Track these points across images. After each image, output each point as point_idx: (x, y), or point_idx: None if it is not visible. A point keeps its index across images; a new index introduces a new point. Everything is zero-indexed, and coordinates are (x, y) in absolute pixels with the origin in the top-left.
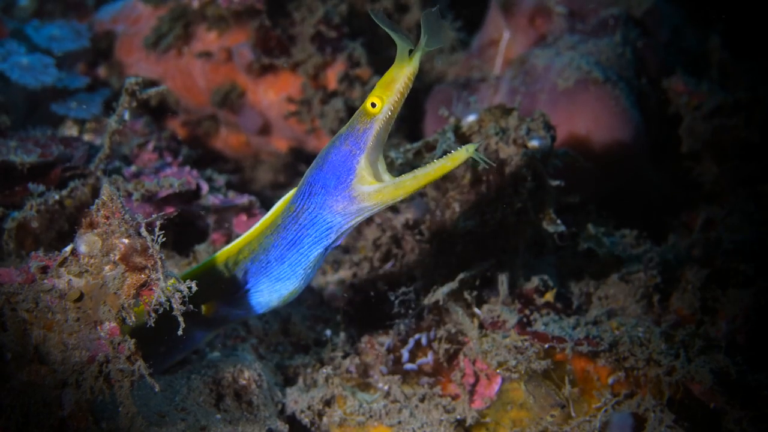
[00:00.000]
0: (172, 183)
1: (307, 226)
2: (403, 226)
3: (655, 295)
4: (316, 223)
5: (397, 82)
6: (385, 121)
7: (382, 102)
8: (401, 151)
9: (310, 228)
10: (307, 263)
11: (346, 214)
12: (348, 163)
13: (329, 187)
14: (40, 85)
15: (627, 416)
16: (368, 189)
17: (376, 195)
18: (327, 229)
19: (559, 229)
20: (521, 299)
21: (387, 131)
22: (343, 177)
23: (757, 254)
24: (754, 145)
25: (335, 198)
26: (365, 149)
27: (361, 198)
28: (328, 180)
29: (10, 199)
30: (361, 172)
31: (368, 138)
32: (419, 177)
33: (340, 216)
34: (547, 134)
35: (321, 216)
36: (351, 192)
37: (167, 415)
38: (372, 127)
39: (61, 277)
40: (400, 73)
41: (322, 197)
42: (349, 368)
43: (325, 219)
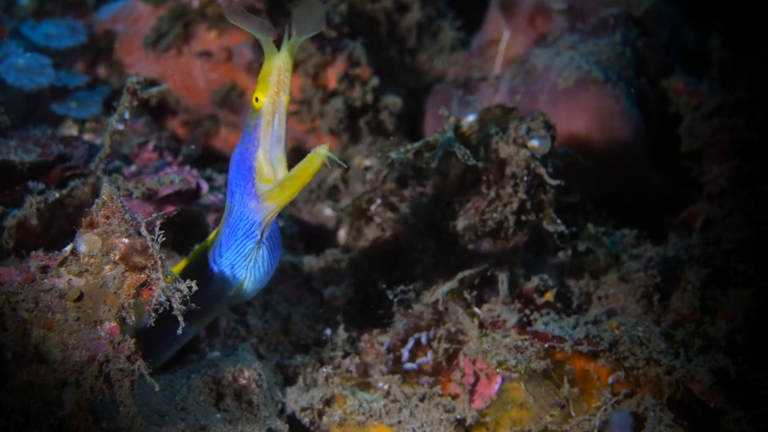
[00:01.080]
0: (173, 180)
1: (237, 220)
2: (403, 226)
3: (655, 295)
4: (242, 218)
5: (270, 76)
6: (270, 114)
7: (262, 96)
8: (401, 152)
9: (240, 222)
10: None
11: (259, 210)
12: (247, 160)
13: (241, 186)
14: (36, 87)
15: (627, 415)
16: (265, 188)
17: (271, 195)
18: (251, 225)
19: (559, 229)
20: (521, 299)
21: (282, 126)
22: (247, 175)
23: (757, 254)
24: (754, 145)
25: (248, 196)
26: (258, 145)
27: (264, 196)
28: (238, 178)
29: (9, 199)
30: (260, 168)
31: (258, 133)
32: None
33: (255, 214)
34: (547, 134)
35: (244, 213)
36: (256, 190)
37: (167, 414)
38: (259, 122)
39: (61, 277)
40: (271, 66)
41: (240, 195)
42: (349, 368)
43: (247, 216)
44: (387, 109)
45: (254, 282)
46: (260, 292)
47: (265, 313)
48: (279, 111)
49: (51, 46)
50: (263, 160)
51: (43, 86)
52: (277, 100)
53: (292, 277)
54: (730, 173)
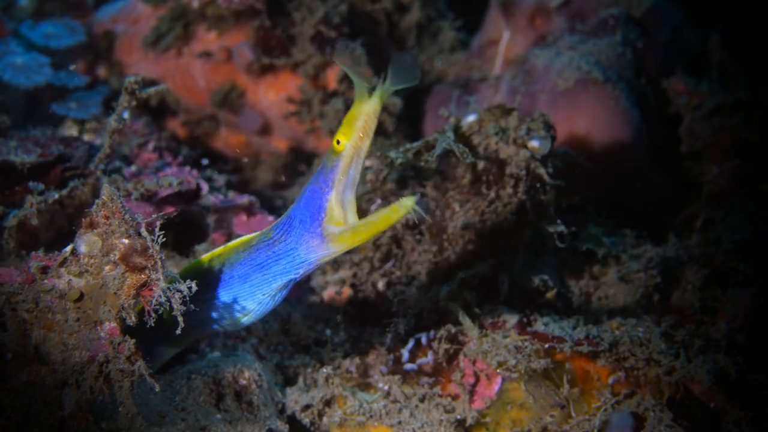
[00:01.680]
0: (171, 182)
1: (281, 256)
2: (403, 226)
3: (655, 295)
4: (290, 255)
5: (358, 120)
6: (350, 158)
7: (346, 139)
8: (401, 151)
9: (283, 258)
10: (268, 290)
11: (317, 251)
12: (318, 200)
13: (306, 223)
14: (32, 85)
15: (627, 416)
16: (334, 230)
17: (339, 237)
18: (298, 264)
19: (559, 229)
20: (521, 299)
21: (357, 169)
22: (315, 214)
23: (757, 254)
24: (754, 145)
25: (311, 234)
26: (333, 187)
27: (330, 238)
28: (304, 215)
29: (10, 199)
30: (331, 210)
31: (335, 175)
32: (369, 224)
33: (312, 252)
34: (547, 134)
35: (296, 251)
36: (322, 231)
37: (167, 415)
38: (338, 165)
39: (61, 277)
40: (360, 111)
41: (300, 231)
42: (349, 368)
43: (299, 254)
44: (387, 110)
45: (256, 318)
46: None
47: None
48: (359, 156)
49: (51, 46)
50: (335, 201)
51: (39, 84)
52: (361, 146)
53: None
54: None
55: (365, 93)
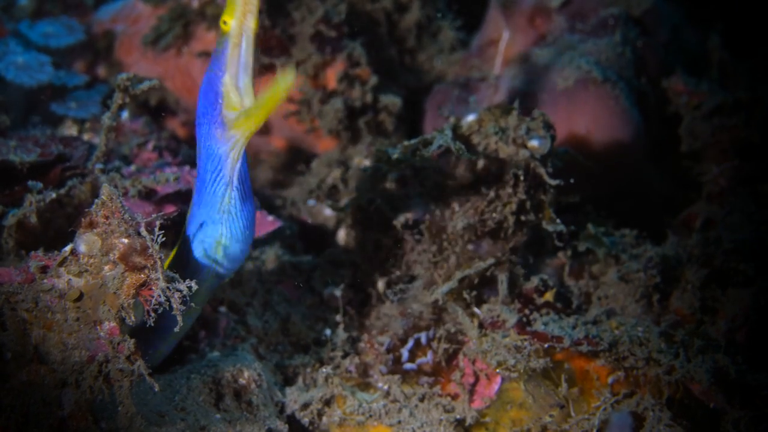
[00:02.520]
0: (168, 178)
1: (204, 159)
2: (403, 225)
3: (655, 295)
4: (210, 155)
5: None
6: (237, 36)
7: (230, 17)
8: (398, 148)
9: (207, 161)
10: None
11: (225, 143)
12: (214, 85)
13: (207, 114)
14: (36, 83)
15: (626, 415)
16: (231, 115)
17: (236, 123)
18: (218, 161)
19: (559, 228)
20: (521, 299)
21: (249, 51)
22: (213, 101)
23: (757, 254)
24: (754, 145)
25: (214, 125)
26: (225, 69)
27: (229, 125)
28: (206, 107)
29: (9, 199)
30: (227, 95)
31: (226, 57)
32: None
33: (222, 145)
34: (547, 134)
35: (210, 147)
36: (222, 118)
37: (167, 414)
38: (227, 45)
39: (60, 277)
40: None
41: (206, 126)
42: (349, 368)
43: (213, 149)
44: (386, 110)
45: (234, 240)
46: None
47: (265, 313)
48: (246, 35)
49: (51, 45)
50: (230, 86)
51: (42, 83)
52: (245, 23)
53: (292, 277)
54: (730, 173)
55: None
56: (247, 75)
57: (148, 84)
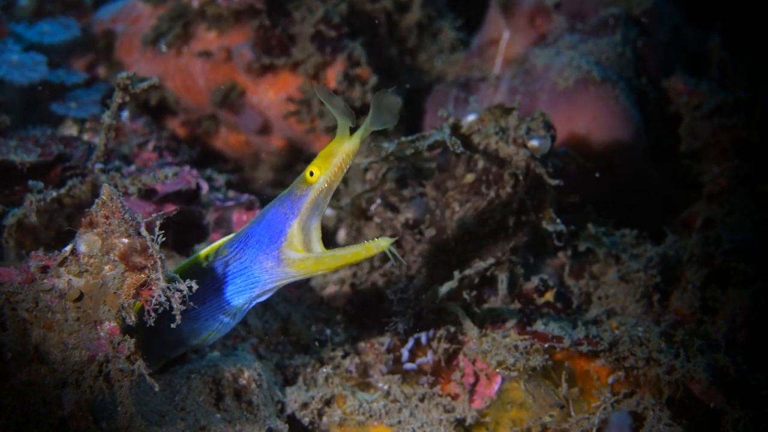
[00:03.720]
0: (167, 174)
1: (236, 275)
2: (403, 226)
3: (655, 295)
4: (244, 274)
5: (335, 157)
6: (321, 191)
7: (320, 173)
8: (395, 143)
9: (238, 277)
10: (228, 309)
11: (273, 274)
12: (281, 224)
13: (263, 244)
14: (27, 82)
15: (625, 415)
16: (294, 256)
17: (299, 264)
18: (253, 283)
19: (559, 228)
20: (521, 299)
21: (325, 201)
22: (275, 237)
23: (757, 254)
24: (754, 145)
25: (266, 255)
26: (298, 215)
27: (287, 263)
28: (262, 236)
29: (10, 199)
30: (292, 237)
31: (302, 205)
32: (338, 257)
33: (267, 274)
34: (547, 134)
35: (250, 269)
36: (280, 254)
37: (167, 414)
38: (307, 195)
39: (60, 277)
40: (339, 148)
41: (255, 251)
42: (349, 368)
43: (253, 273)
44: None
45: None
46: None
47: (265, 313)
48: (330, 190)
49: (44, 42)
50: (297, 228)
51: (34, 81)
52: (333, 181)
53: None
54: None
55: (347, 130)
56: (317, 220)
57: (148, 83)
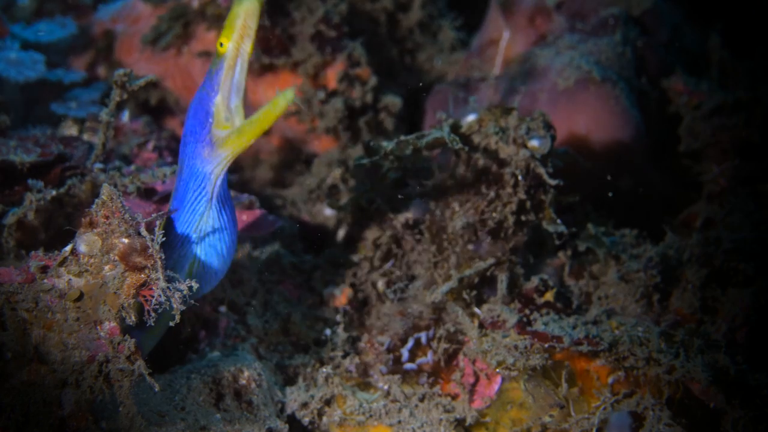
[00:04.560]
0: (166, 173)
1: (187, 178)
2: (403, 225)
3: (655, 295)
4: (193, 173)
5: (238, 19)
6: (233, 58)
7: (227, 40)
8: (394, 141)
9: (190, 180)
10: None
11: (211, 159)
12: (205, 105)
13: (195, 133)
14: (24, 80)
15: (625, 415)
16: (221, 134)
17: (227, 141)
18: (202, 179)
19: (559, 228)
20: (521, 299)
21: (243, 73)
22: (203, 121)
23: (757, 253)
24: (754, 144)
25: (202, 144)
26: (218, 90)
27: (218, 143)
28: (194, 126)
29: (9, 198)
30: (218, 114)
31: (220, 78)
32: (253, 122)
33: (208, 164)
34: (547, 134)
35: (195, 165)
36: (212, 137)
37: (167, 414)
38: (222, 67)
39: (60, 277)
40: (239, 9)
41: (192, 145)
42: (349, 368)
43: (197, 168)
44: (386, 109)
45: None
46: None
47: (265, 313)
48: (242, 57)
49: (42, 40)
50: (222, 106)
51: (31, 80)
52: (241, 45)
53: (292, 277)
54: (730, 173)
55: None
56: (238, 97)
57: (145, 79)
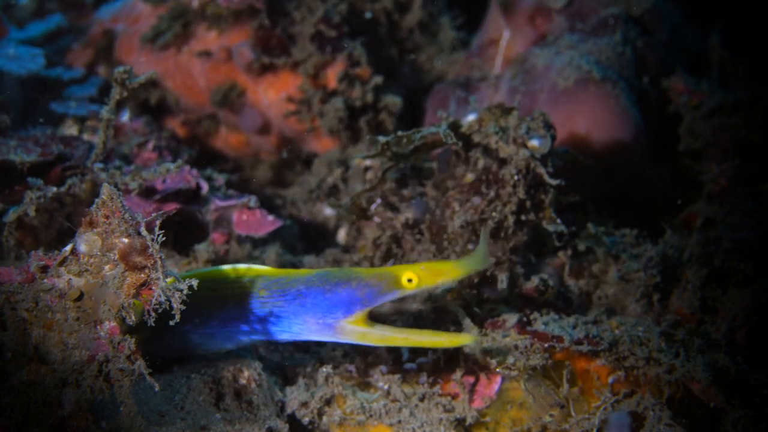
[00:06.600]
0: (169, 168)
1: (270, 319)
2: (403, 225)
3: (655, 295)
4: (281, 322)
5: (442, 278)
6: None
7: (419, 283)
8: (391, 136)
9: (272, 322)
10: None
11: (314, 332)
12: (352, 305)
13: (318, 310)
14: (25, 72)
15: (625, 415)
16: (355, 329)
17: (359, 336)
18: (285, 331)
19: (559, 228)
20: (521, 299)
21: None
22: (337, 311)
23: (757, 253)
24: (754, 144)
25: (317, 319)
26: (372, 306)
27: (342, 332)
28: (321, 304)
29: (10, 198)
30: (357, 316)
31: (383, 301)
32: (409, 340)
33: (307, 331)
34: (547, 133)
35: (290, 320)
36: (336, 324)
37: (167, 414)
38: (394, 294)
39: (61, 277)
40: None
41: (305, 310)
42: (349, 367)
43: (291, 325)
44: (387, 109)
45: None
46: None
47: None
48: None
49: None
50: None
51: (32, 72)
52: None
53: None
54: (730, 173)
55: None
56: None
57: (145, 76)
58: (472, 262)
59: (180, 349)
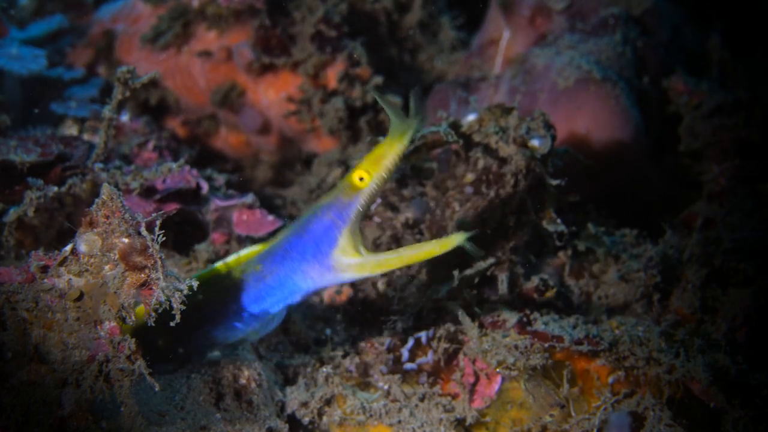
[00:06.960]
0: (171, 167)
1: (275, 287)
2: (403, 225)
3: (655, 295)
4: (285, 285)
5: (387, 159)
6: (372, 195)
7: (370, 176)
8: None
9: (277, 289)
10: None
11: (318, 281)
12: (330, 233)
13: (307, 255)
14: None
15: (625, 415)
16: (350, 261)
17: (357, 268)
18: (293, 292)
19: (559, 228)
20: (521, 299)
21: (371, 204)
22: (323, 247)
23: (757, 253)
24: (754, 144)
25: (312, 265)
26: (348, 222)
27: (341, 268)
28: (306, 248)
29: (10, 198)
30: (343, 243)
31: (353, 210)
32: (403, 258)
33: (311, 281)
34: (547, 133)
35: (291, 279)
36: (330, 261)
37: (167, 414)
38: (357, 200)
39: (61, 277)
40: (391, 149)
41: (297, 263)
42: (349, 367)
43: (296, 282)
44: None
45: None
46: None
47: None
48: (378, 193)
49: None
50: (348, 236)
51: (34, 72)
52: (382, 185)
53: None
54: (730, 173)
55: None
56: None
57: (148, 76)
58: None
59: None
